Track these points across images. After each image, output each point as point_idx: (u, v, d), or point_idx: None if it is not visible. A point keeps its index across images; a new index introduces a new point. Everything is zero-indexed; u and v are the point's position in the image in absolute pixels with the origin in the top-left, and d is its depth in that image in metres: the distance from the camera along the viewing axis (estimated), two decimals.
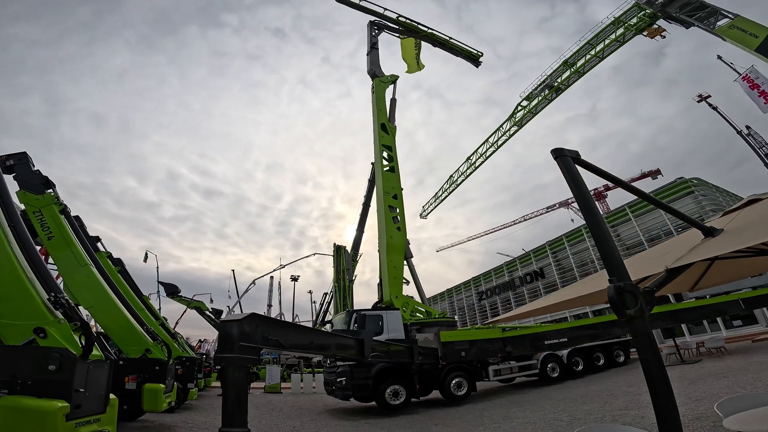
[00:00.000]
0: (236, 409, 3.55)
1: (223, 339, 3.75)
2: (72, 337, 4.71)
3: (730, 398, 4.34)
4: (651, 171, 57.29)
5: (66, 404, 4.18)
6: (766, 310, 20.42)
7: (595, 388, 11.25)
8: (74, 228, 9.27)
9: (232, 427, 3.39)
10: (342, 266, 35.11)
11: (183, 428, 8.97)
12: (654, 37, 24.41)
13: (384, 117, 17.47)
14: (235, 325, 3.81)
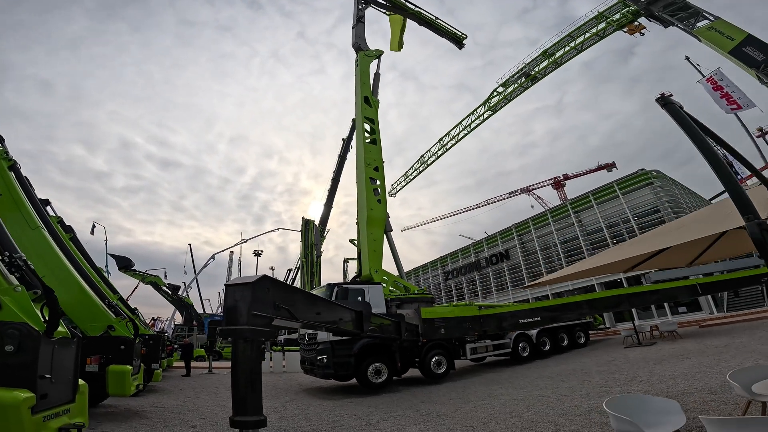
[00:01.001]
0: (250, 392, 2.93)
1: (232, 307, 3.09)
2: (32, 308, 3.85)
3: (739, 370, 4.54)
4: (607, 164, 60.44)
5: (31, 394, 3.38)
6: (711, 297, 22.22)
7: (566, 368, 11.64)
8: (24, 187, 8.04)
9: (246, 415, 2.79)
10: (310, 241, 34.39)
11: (153, 413, 8.30)
12: (633, 33, 24.95)
13: (367, 90, 17.17)
14: (246, 289, 3.13)
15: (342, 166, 38.49)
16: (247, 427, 2.70)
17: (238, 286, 3.17)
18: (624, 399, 4.12)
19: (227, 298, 3.18)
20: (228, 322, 3.07)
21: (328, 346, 10.55)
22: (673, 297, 18.14)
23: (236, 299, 3.12)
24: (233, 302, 3.12)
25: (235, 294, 3.13)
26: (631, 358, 11.64)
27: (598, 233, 28.69)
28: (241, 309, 3.08)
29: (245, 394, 2.91)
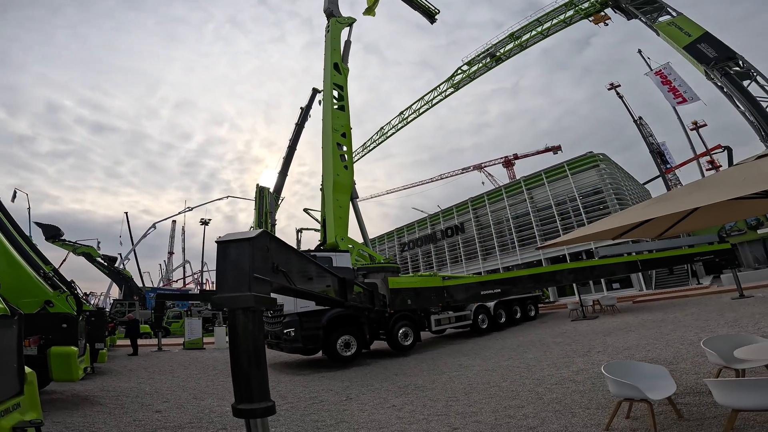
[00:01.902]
0: (255, 373, 2.35)
1: (228, 269, 2.42)
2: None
3: (712, 338, 4.87)
4: (554, 146, 63.84)
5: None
6: (641, 275, 24.44)
7: (524, 339, 12.24)
8: None
9: (252, 402, 2.23)
10: (265, 209, 33.04)
11: (106, 398, 7.54)
12: (598, 23, 25.78)
13: (338, 57, 16.64)
14: (246, 246, 2.46)
15: (299, 134, 37.54)
16: (255, 415, 2.16)
17: (234, 242, 2.48)
18: (618, 365, 4.29)
19: (220, 258, 2.50)
20: (223, 289, 2.41)
21: (295, 318, 10.11)
22: (612, 272, 19.81)
23: (233, 259, 2.43)
24: (229, 263, 2.45)
25: (231, 252, 2.43)
26: (581, 331, 12.45)
27: (547, 210, 30.29)
28: (240, 271, 2.40)
29: (249, 376, 2.34)
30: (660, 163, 37.21)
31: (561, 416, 4.52)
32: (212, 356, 14.75)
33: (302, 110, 36.77)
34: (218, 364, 12.36)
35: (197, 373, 10.66)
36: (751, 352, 3.84)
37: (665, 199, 4.09)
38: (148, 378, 10.11)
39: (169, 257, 71.06)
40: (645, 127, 40.22)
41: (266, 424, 2.17)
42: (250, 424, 2.10)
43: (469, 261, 34.37)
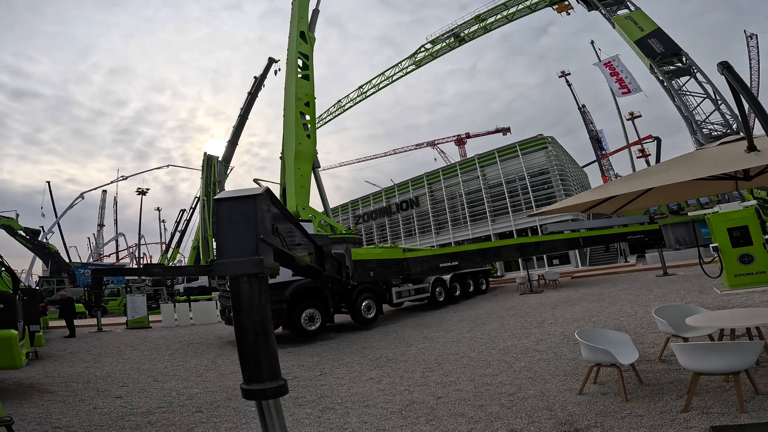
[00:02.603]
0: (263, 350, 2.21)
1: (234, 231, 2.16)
2: None
3: (661, 307, 5.43)
4: (503, 128, 66.40)
5: None
6: (578, 252, 26.59)
7: (480, 312, 12.88)
8: None
9: (262, 382, 2.07)
10: (213, 178, 31.26)
11: (54, 385, 6.93)
12: (561, 12, 26.59)
13: (305, 25, 15.96)
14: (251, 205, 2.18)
15: (252, 103, 36.17)
16: (267, 396, 1.90)
17: (238, 200, 2.19)
18: (588, 332, 4.66)
19: (222, 218, 2.24)
20: (226, 254, 2.18)
21: None
22: (555, 248, 21.32)
23: (236, 220, 2.15)
24: (233, 224, 2.15)
25: (234, 212, 2.16)
26: (530, 304, 13.34)
27: (497, 187, 31.68)
28: (246, 234, 2.13)
29: (258, 353, 2.13)
30: (597, 149, 40.10)
31: (535, 383, 4.88)
32: (161, 335, 14.03)
33: (256, 79, 35.43)
34: (171, 344, 11.80)
35: (150, 354, 10.12)
36: (701, 320, 4.35)
37: (646, 174, 4.45)
38: (95, 361, 9.43)
39: (98, 230, 65.43)
40: (587, 114, 42.87)
41: (279, 405, 2.00)
42: (262, 406, 1.96)
43: (422, 234, 35.27)
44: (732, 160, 3.39)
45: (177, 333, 14.43)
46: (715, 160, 3.54)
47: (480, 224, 31.97)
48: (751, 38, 38.91)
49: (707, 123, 20.35)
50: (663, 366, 4.79)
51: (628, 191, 4.46)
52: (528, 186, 29.76)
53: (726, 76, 2.75)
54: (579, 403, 4.00)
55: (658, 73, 21.41)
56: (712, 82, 20.95)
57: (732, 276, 9.58)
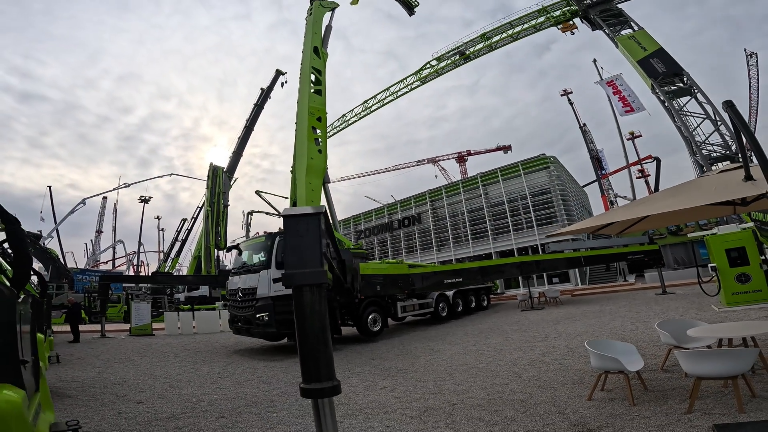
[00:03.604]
0: (323, 353, 2.51)
1: (302, 244, 2.39)
2: None
3: (663, 321, 5.73)
4: (504, 146, 66.88)
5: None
6: (578, 271, 26.87)
7: (483, 326, 13.11)
8: None
9: (321, 381, 2.25)
10: (218, 189, 31.62)
11: (71, 389, 7.11)
12: (566, 31, 27.39)
13: (318, 40, 16.39)
14: (315, 221, 2.45)
15: (258, 115, 36.51)
16: (324, 395, 2.23)
17: (303, 216, 2.45)
18: (596, 342, 4.93)
19: (291, 233, 2.47)
20: (294, 265, 2.37)
21: (269, 302, 9.97)
22: (555, 267, 21.62)
23: (303, 234, 2.41)
24: (300, 238, 2.40)
25: (302, 227, 2.43)
26: (532, 319, 13.59)
27: (499, 206, 32.06)
28: (312, 247, 2.38)
29: (318, 355, 2.32)
30: (597, 168, 40.70)
31: (545, 391, 5.12)
32: (166, 342, 14.15)
33: (263, 91, 35.78)
34: (178, 351, 11.93)
35: (159, 361, 10.25)
36: (702, 332, 4.66)
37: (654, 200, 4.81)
38: (105, 367, 9.56)
39: (97, 236, 65.34)
40: (588, 133, 43.59)
41: (332, 404, 2.21)
42: (318, 404, 2.14)
43: (424, 251, 35.49)
44: (731, 188, 3.76)
45: (181, 341, 14.55)
46: (716, 188, 3.91)
47: (481, 242, 32.26)
48: (751, 57, 39.68)
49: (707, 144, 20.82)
50: (666, 374, 5.07)
51: (638, 216, 4.84)
52: (530, 205, 30.12)
53: (729, 114, 3.11)
54: (589, 408, 4.25)
55: (659, 93, 21.94)
56: (712, 102, 21.42)
57: (729, 294, 9.92)
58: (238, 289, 11.10)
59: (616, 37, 23.86)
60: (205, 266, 29.81)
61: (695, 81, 21.79)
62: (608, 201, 39.23)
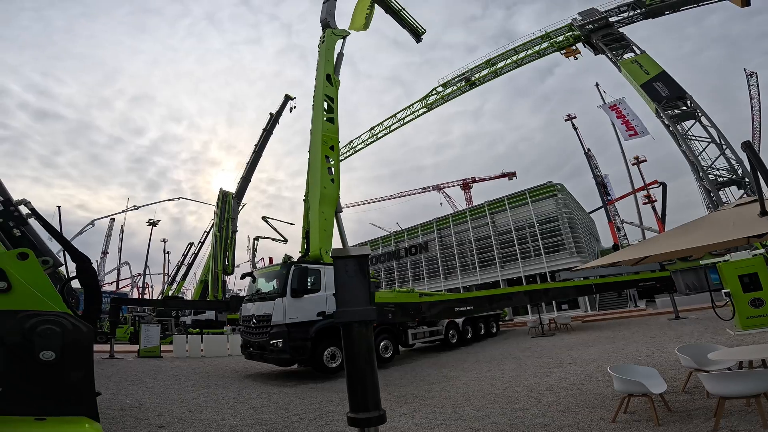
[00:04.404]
0: (370, 384, 2.53)
1: (353, 284, 2.61)
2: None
3: (683, 346, 5.75)
4: (509, 172, 67.13)
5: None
6: (587, 298, 26.60)
7: (494, 353, 13.01)
8: None
9: (368, 411, 2.42)
10: (227, 214, 32.02)
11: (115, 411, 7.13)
12: (569, 57, 28.05)
13: (331, 68, 16.58)
14: (366, 263, 2.67)
15: (267, 140, 36.81)
16: (371, 424, 2.39)
17: (352, 258, 2.66)
18: (619, 367, 5.00)
19: (341, 273, 2.65)
20: (347, 303, 2.58)
21: (284, 329, 10.08)
22: (565, 295, 21.49)
23: (352, 275, 2.60)
24: (351, 278, 2.61)
25: (351, 268, 2.61)
26: (545, 346, 13.45)
27: (507, 234, 32.13)
28: (362, 286, 2.59)
29: (366, 386, 2.52)
30: (603, 194, 40.79)
31: (567, 415, 5.12)
32: (175, 365, 14.10)
33: (272, 116, 36.33)
34: (188, 375, 11.88)
35: (171, 384, 10.21)
36: (723, 355, 4.73)
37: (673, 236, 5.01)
38: (118, 388, 9.53)
39: (102, 257, 65.65)
40: (593, 159, 43.94)
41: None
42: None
43: (431, 279, 35.37)
44: (747, 224, 3.97)
45: (190, 364, 14.49)
46: (734, 223, 4.13)
47: (489, 270, 32.17)
48: (751, 76, 39.98)
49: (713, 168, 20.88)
50: (688, 396, 5.07)
51: (657, 252, 5.03)
52: (537, 233, 30.21)
53: (747, 154, 3.34)
54: (614, 430, 4.28)
55: (663, 117, 22.08)
56: (716, 125, 21.47)
57: (744, 318, 9.94)
58: (252, 315, 11.21)
59: (619, 61, 24.17)
60: (212, 290, 29.84)
61: (698, 104, 21.92)
62: (615, 227, 39.11)
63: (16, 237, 2.94)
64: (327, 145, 14.78)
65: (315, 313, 10.57)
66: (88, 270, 3.03)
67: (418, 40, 26.46)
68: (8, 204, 3.06)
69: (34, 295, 2.51)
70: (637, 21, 26.36)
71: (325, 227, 13.49)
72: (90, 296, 2.99)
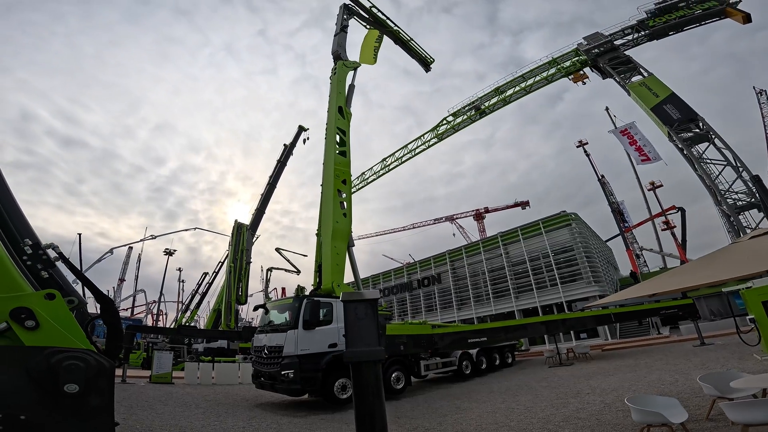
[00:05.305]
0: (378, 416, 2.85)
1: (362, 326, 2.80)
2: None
3: (705, 375, 5.53)
4: (522, 202, 66.76)
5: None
6: (607, 327, 25.67)
7: (510, 384, 12.55)
8: None
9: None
10: (242, 246, 32.44)
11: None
12: (577, 81, 28.24)
13: (342, 100, 16.84)
14: (374, 306, 2.87)
15: (281, 172, 37.39)
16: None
17: (362, 302, 2.88)
18: (637, 398, 4.82)
19: (351, 315, 2.87)
20: (356, 344, 2.77)
21: (295, 360, 10.02)
22: (582, 325, 20.82)
23: (361, 317, 2.84)
24: (360, 320, 2.83)
25: (360, 311, 2.84)
26: (562, 376, 12.96)
27: (521, 265, 31.60)
28: (371, 329, 2.82)
29: (374, 419, 2.80)
30: (620, 221, 40.01)
31: None
32: (186, 392, 14.00)
33: (286, 147, 37.01)
34: (199, 402, 11.76)
35: (182, 411, 10.12)
36: (746, 383, 4.54)
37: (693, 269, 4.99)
38: (130, 414, 9.47)
39: (119, 284, 66.58)
40: (607, 185, 43.30)
41: None
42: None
43: (444, 310, 34.77)
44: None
45: (201, 391, 14.36)
46: (755, 252, 4.12)
47: (503, 300, 31.52)
48: (761, 94, 39.42)
49: (731, 192, 20.32)
50: (711, 424, 4.83)
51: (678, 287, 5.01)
52: (552, 263, 29.67)
53: (755, 189, 3.39)
54: None
55: (677, 141, 21.63)
56: (731, 147, 20.98)
57: None
58: (264, 346, 11.23)
59: (627, 84, 23.97)
60: (225, 319, 29.89)
61: (711, 126, 21.51)
62: (634, 255, 38.10)
63: (44, 278, 3.16)
64: (339, 179, 14.84)
65: (326, 344, 10.54)
66: (111, 310, 3.23)
67: (427, 69, 27.09)
68: (37, 248, 3.27)
69: (60, 332, 2.72)
70: (642, 43, 26.51)
71: (338, 261, 13.47)
72: (112, 334, 3.18)
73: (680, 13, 24.41)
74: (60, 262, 3.41)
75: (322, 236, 14.39)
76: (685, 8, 24.34)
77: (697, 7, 23.95)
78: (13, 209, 3.64)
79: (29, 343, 2.60)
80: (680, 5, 24.49)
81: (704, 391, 5.29)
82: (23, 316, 2.62)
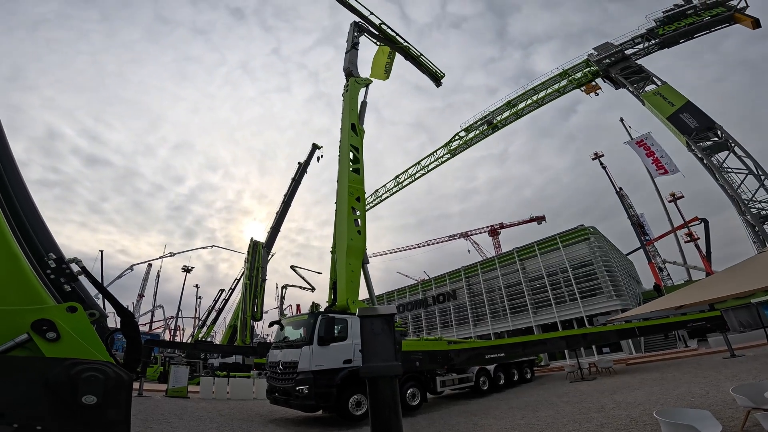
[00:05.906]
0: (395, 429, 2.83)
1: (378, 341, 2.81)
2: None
3: (737, 386, 5.31)
4: (538, 216, 66.11)
5: None
6: (630, 340, 24.73)
7: (529, 399, 12.14)
8: None
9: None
10: (257, 263, 32.78)
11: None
12: (590, 93, 27.91)
13: (355, 117, 16.89)
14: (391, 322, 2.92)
15: (296, 190, 37.75)
16: None
17: (378, 317, 2.90)
18: (667, 411, 4.60)
19: (365, 331, 2.88)
20: (373, 359, 2.78)
21: (309, 376, 9.96)
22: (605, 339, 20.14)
23: (377, 333, 2.84)
24: (377, 336, 2.85)
25: (377, 327, 2.85)
26: (584, 391, 12.46)
27: (539, 280, 30.93)
28: (384, 344, 2.83)
29: None
30: (641, 234, 38.91)
31: None
32: (201, 406, 13.96)
33: (300, 165, 37.41)
34: (213, 416, 11.71)
35: (196, 425, 10.09)
36: None
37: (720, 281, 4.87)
38: (145, 427, 9.50)
39: (138, 299, 67.67)
40: (626, 198, 42.30)
41: None
42: None
43: (460, 326, 34.16)
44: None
45: (215, 405, 14.31)
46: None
47: (521, 316, 30.84)
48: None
49: (754, 202, 19.62)
50: None
51: (704, 299, 4.87)
52: (571, 278, 28.99)
53: None
54: None
55: (696, 150, 20.96)
56: (752, 155, 20.42)
57: None
58: (279, 362, 11.22)
59: (641, 94, 23.55)
60: (241, 335, 30.06)
61: (729, 134, 20.89)
62: (656, 267, 36.91)
63: (66, 292, 3.26)
64: (353, 197, 14.87)
65: (341, 360, 10.48)
66: (131, 324, 3.32)
67: (438, 84, 27.20)
68: (60, 262, 3.39)
69: (81, 344, 2.81)
70: (654, 51, 26.18)
71: (352, 279, 13.45)
72: (132, 347, 3.26)
73: (689, 20, 24.20)
74: (83, 276, 3.51)
75: (336, 253, 14.40)
76: (693, 15, 24.12)
77: (705, 14, 23.69)
78: (38, 225, 3.73)
79: (50, 354, 2.66)
80: (688, 12, 24.30)
81: (738, 403, 5.07)
82: (45, 327, 2.71)
